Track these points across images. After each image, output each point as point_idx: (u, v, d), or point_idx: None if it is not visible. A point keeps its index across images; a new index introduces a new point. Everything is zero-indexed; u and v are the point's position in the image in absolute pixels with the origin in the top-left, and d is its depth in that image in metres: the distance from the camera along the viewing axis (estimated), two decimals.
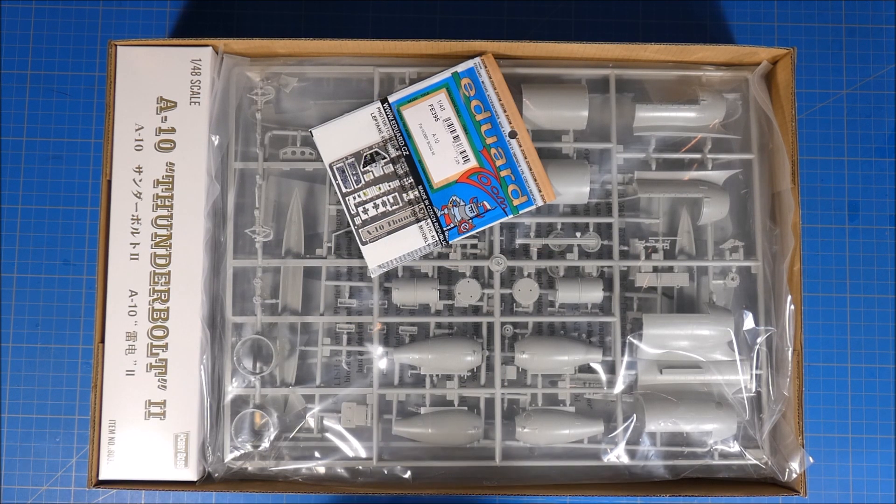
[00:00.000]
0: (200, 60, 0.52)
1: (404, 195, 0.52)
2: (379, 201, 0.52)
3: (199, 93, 0.52)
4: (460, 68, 0.52)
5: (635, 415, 0.52)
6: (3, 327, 0.58)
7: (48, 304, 0.58)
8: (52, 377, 0.58)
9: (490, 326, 0.54)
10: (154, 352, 0.51)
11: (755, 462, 0.53)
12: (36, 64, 0.59)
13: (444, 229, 0.52)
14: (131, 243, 0.51)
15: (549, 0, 0.61)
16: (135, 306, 0.51)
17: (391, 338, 0.54)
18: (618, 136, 0.54)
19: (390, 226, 0.52)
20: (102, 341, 0.51)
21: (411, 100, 0.52)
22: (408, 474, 0.52)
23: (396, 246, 0.52)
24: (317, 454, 0.52)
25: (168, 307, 0.51)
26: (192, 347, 0.51)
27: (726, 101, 0.54)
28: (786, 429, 0.52)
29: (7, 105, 0.59)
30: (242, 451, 0.52)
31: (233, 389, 0.52)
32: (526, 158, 0.52)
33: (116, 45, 0.52)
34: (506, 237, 0.55)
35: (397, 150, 0.52)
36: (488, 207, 0.52)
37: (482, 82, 0.52)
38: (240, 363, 0.52)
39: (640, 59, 0.54)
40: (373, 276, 0.53)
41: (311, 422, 0.53)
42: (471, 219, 0.52)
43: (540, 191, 0.52)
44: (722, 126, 0.55)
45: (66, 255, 0.58)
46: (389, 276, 0.54)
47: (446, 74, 0.53)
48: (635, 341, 0.53)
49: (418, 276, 0.54)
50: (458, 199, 0.52)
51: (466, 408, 0.53)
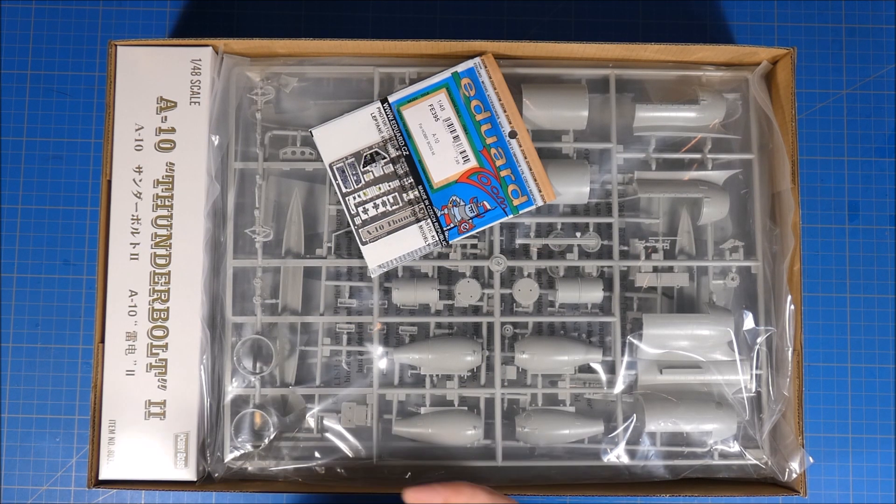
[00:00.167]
0: (200, 60, 0.52)
1: (404, 195, 0.52)
2: (379, 201, 0.52)
3: (199, 93, 0.52)
4: (460, 68, 0.52)
5: (635, 415, 0.52)
6: (3, 327, 0.58)
7: (48, 304, 0.58)
8: (52, 377, 0.58)
9: (490, 326, 0.54)
10: (154, 352, 0.51)
11: (755, 462, 0.52)
12: (36, 64, 0.59)
13: (444, 229, 0.52)
14: (131, 243, 0.51)
15: (549, 0, 0.61)
16: (135, 306, 0.51)
17: (391, 338, 0.54)
18: (618, 136, 0.54)
19: (390, 226, 0.52)
20: (102, 341, 0.51)
21: (411, 100, 0.52)
22: (408, 474, 0.52)
23: (396, 246, 0.52)
24: (317, 454, 0.52)
25: (168, 307, 0.51)
26: (192, 347, 0.51)
27: (726, 101, 0.54)
28: (786, 429, 0.52)
29: (7, 105, 0.59)
30: (242, 451, 0.52)
31: (233, 389, 0.52)
32: (526, 158, 0.52)
33: (116, 45, 0.52)
34: (506, 237, 0.55)
35: (397, 150, 0.52)
36: (488, 207, 0.52)
37: (482, 82, 0.52)
38: (240, 363, 0.52)
39: (640, 59, 0.54)
40: (373, 276, 0.53)
41: (311, 422, 0.53)
42: (471, 219, 0.52)
43: (540, 191, 0.52)
44: (722, 126, 0.55)
45: (66, 255, 0.58)
46: (389, 276, 0.54)
47: (446, 74, 0.53)
48: (635, 341, 0.53)
49: (418, 276, 0.54)
50: (458, 199, 0.52)
51: (466, 408, 0.53)
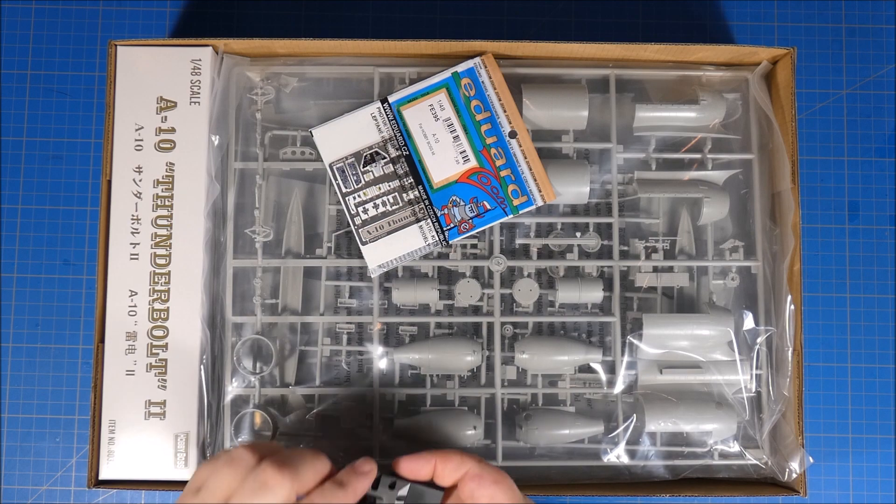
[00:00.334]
0: (200, 60, 0.52)
1: (404, 195, 0.52)
2: (379, 201, 0.52)
3: (199, 93, 0.52)
4: (460, 68, 0.52)
5: (635, 415, 0.52)
6: (3, 327, 0.58)
7: (48, 304, 0.58)
8: (52, 377, 0.58)
9: (490, 326, 0.54)
10: (154, 352, 0.51)
11: (755, 462, 0.52)
12: (36, 64, 0.59)
13: (444, 229, 0.52)
14: (131, 243, 0.51)
15: (549, 0, 0.61)
16: (135, 306, 0.51)
17: (391, 338, 0.54)
18: (618, 136, 0.54)
19: (390, 226, 0.52)
20: (102, 341, 0.51)
21: (411, 100, 0.52)
22: None
23: (396, 246, 0.52)
24: None
25: (168, 307, 0.51)
26: (192, 347, 0.51)
27: (726, 101, 0.54)
28: (786, 429, 0.52)
29: (7, 105, 0.59)
30: None
31: (233, 389, 0.52)
32: (526, 158, 0.52)
33: (116, 45, 0.52)
34: (506, 237, 0.55)
35: (397, 150, 0.52)
36: (488, 207, 0.52)
37: (482, 82, 0.52)
38: (240, 363, 0.52)
39: (640, 59, 0.54)
40: (373, 276, 0.53)
41: (310, 421, 0.53)
42: (471, 219, 0.52)
43: (540, 191, 0.52)
44: (722, 126, 0.55)
45: (66, 255, 0.58)
46: (389, 276, 0.54)
47: (446, 74, 0.53)
48: (635, 341, 0.53)
49: (418, 276, 0.54)
50: (458, 199, 0.52)
51: (466, 408, 0.53)
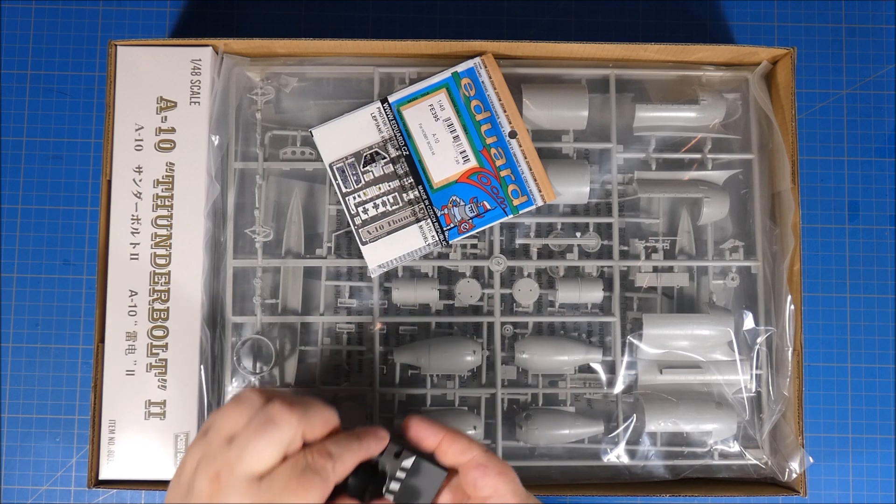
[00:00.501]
0: (200, 60, 0.52)
1: (404, 195, 0.52)
2: (379, 201, 0.52)
3: (199, 93, 0.52)
4: (460, 68, 0.52)
5: (635, 415, 0.52)
6: (3, 327, 0.58)
7: (48, 304, 0.58)
8: (52, 377, 0.58)
9: (490, 326, 0.54)
10: (154, 352, 0.51)
11: (755, 462, 0.52)
12: (36, 64, 0.59)
13: (444, 229, 0.52)
14: (131, 243, 0.51)
15: (549, 0, 0.61)
16: (135, 306, 0.51)
17: (391, 338, 0.54)
18: (618, 136, 0.54)
19: (390, 226, 0.52)
20: (102, 341, 0.51)
21: (411, 100, 0.52)
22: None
23: (396, 246, 0.52)
24: None
25: (168, 307, 0.51)
26: (192, 347, 0.51)
27: (726, 101, 0.54)
28: (786, 429, 0.52)
29: (7, 105, 0.59)
30: None
31: (233, 389, 0.52)
32: (526, 158, 0.52)
33: (116, 45, 0.52)
34: (506, 237, 0.55)
35: (397, 150, 0.52)
36: (488, 207, 0.52)
37: (482, 82, 0.52)
38: (240, 363, 0.52)
39: (640, 59, 0.54)
40: (373, 276, 0.53)
41: None
42: (471, 219, 0.52)
43: (540, 191, 0.52)
44: (722, 126, 0.55)
45: (66, 255, 0.58)
46: (389, 276, 0.54)
47: (446, 74, 0.53)
48: (635, 341, 0.53)
49: (418, 276, 0.54)
50: (458, 199, 0.52)
51: (466, 408, 0.53)
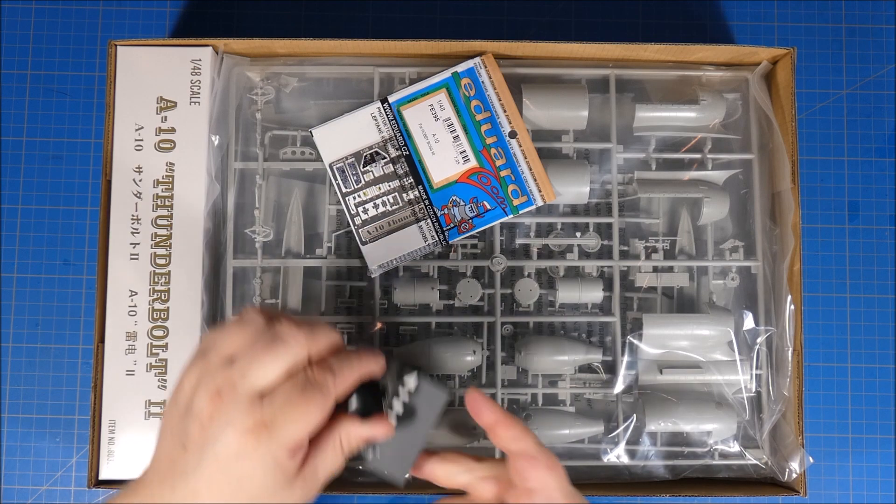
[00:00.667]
0: (200, 60, 0.52)
1: (404, 195, 0.52)
2: (379, 201, 0.52)
3: (199, 93, 0.52)
4: (460, 68, 0.52)
5: (635, 415, 0.52)
6: (3, 327, 0.58)
7: (48, 304, 0.58)
8: (52, 377, 0.58)
9: (490, 326, 0.54)
10: (154, 352, 0.51)
11: (755, 462, 0.52)
12: (36, 64, 0.59)
13: (444, 229, 0.52)
14: (131, 243, 0.51)
15: (549, 0, 0.61)
16: (135, 306, 0.51)
17: (391, 338, 0.54)
18: (618, 136, 0.54)
19: (390, 226, 0.52)
20: (102, 341, 0.51)
21: (411, 100, 0.52)
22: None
23: (396, 246, 0.52)
24: None
25: (168, 307, 0.51)
26: (192, 347, 0.51)
27: (726, 101, 0.54)
28: (786, 429, 0.52)
29: (7, 105, 0.59)
30: None
31: None
32: (526, 158, 0.52)
33: (116, 45, 0.52)
34: (506, 237, 0.55)
35: (397, 149, 0.52)
36: (488, 207, 0.52)
37: (482, 82, 0.52)
38: None
39: (640, 59, 0.54)
40: (373, 276, 0.53)
41: None
42: (471, 219, 0.52)
43: (540, 191, 0.52)
44: (722, 126, 0.55)
45: (66, 255, 0.58)
46: (389, 276, 0.54)
47: (446, 74, 0.53)
48: (635, 341, 0.53)
49: (418, 276, 0.54)
50: (458, 199, 0.52)
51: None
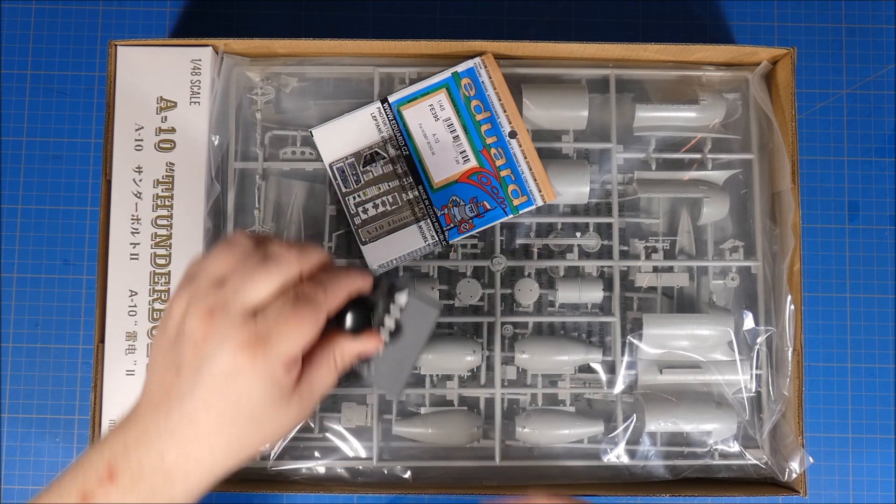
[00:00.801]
0: (200, 60, 0.52)
1: (404, 195, 0.52)
2: (379, 201, 0.52)
3: (199, 93, 0.52)
4: (460, 68, 0.52)
5: (635, 415, 0.52)
6: (3, 327, 0.58)
7: (48, 304, 0.58)
8: (52, 377, 0.58)
9: (490, 326, 0.54)
10: None
11: (755, 462, 0.52)
12: (36, 64, 0.59)
13: (444, 229, 0.52)
14: (131, 243, 0.51)
15: (549, 0, 0.61)
16: (135, 306, 0.51)
17: None
18: (618, 136, 0.54)
19: (390, 225, 0.52)
20: (102, 341, 0.51)
21: (411, 100, 0.52)
22: (408, 474, 0.52)
23: (396, 246, 0.52)
24: (317, 454, 0.52)
25: None
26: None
27: (726, 101, 0.54)
28: (786, 429, 0.52)
29: (7, 105, 0.59)
30: None
31: None
32: (526, 158, 0.52)
33: (116, 45, 0.52)
34: (506, 237, 0.55)
35: (397, 149, 0.52)
36: (488, 207, 0.52)
37: (482, 82, 0.52)
38: None
39: (640, 59, 0.54)
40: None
41: (310, 422, 0.53)
42: (471, 219, 0.52)
43: (540, 191, 0.52)
44: (722, 126, 0.55)
45: (66, 255, 0.58)
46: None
47: (446, 74, 0.53)
48: (635, 341, 0.53)
49: (418, 276, 0.54)
50: (458, 199, 0.52)
51: (466, 408, 0.53)
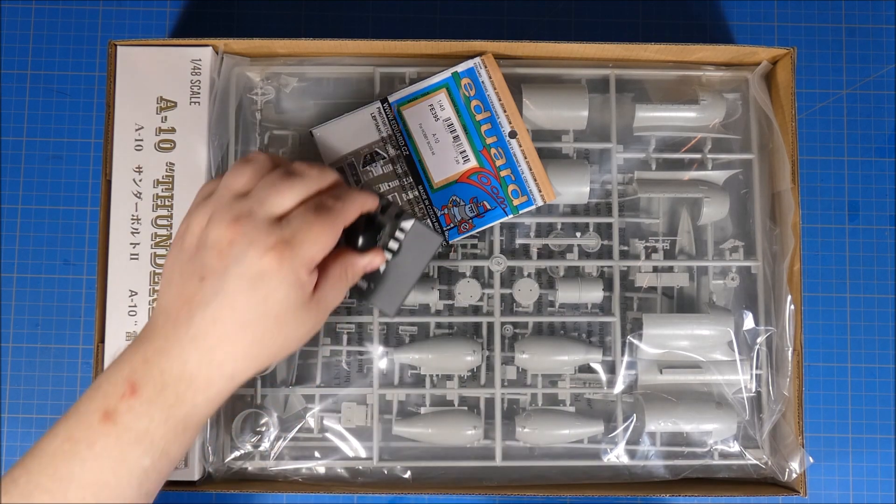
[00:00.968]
0: (200, 60, 0.52)
1: (404, 195, 0.52)
2: None
3: (199, 93, 0.52)
4: (460, 68, 0.52)
5: (635, 415, 0.52)
6: (3, 327, 0.58)
7: (48, 304, 0.58)
8: (52, 377, 0.58)
9: (490, 326, 0.54)
10: None
11: (755, 462, 0.52)
12: (36, 64, 0.59)
13: (444, 229, 0.52)
14: (131, 243, 0.51)
15: (549, 0, 0.61)
16: (135, 306, 0.51)
17: (391, 338, 0.54)
18: (618, 136, 0.54)
19: None
20: (102, 341, 0.51)
21: (411, 100, 0.52)
22: (408, 474, 0.52)
23: None
24: (317, 454, 0.52)
25: None
26: None
27: (726, 101, 0.54)
28: (786, 429, 0.52)
29: (7, 105, 0.59)
30: (242, 452, 0.52)
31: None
32: (526, 158, 0.52)
33: (116, 45, 0.52)
34: (506, 237, 0.55)
35: (397, 149, 0.52)
36: (488, 207, 0.52)
37: (482, 82, 0.52)
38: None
39: (640, 59, 0.54)
40: None
41: (311, 422, 0.53)
42: (471, 219, 0.52)
43: (540, 191, 0.52)
44: (722, 126, 0.55)
45: (66, 255, 0.58)
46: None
47: (446, 74, 0.53)
48: (635, 341, 0.53)
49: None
50: (458, 199, 0.52)
51: (466, 408, 0.53)
